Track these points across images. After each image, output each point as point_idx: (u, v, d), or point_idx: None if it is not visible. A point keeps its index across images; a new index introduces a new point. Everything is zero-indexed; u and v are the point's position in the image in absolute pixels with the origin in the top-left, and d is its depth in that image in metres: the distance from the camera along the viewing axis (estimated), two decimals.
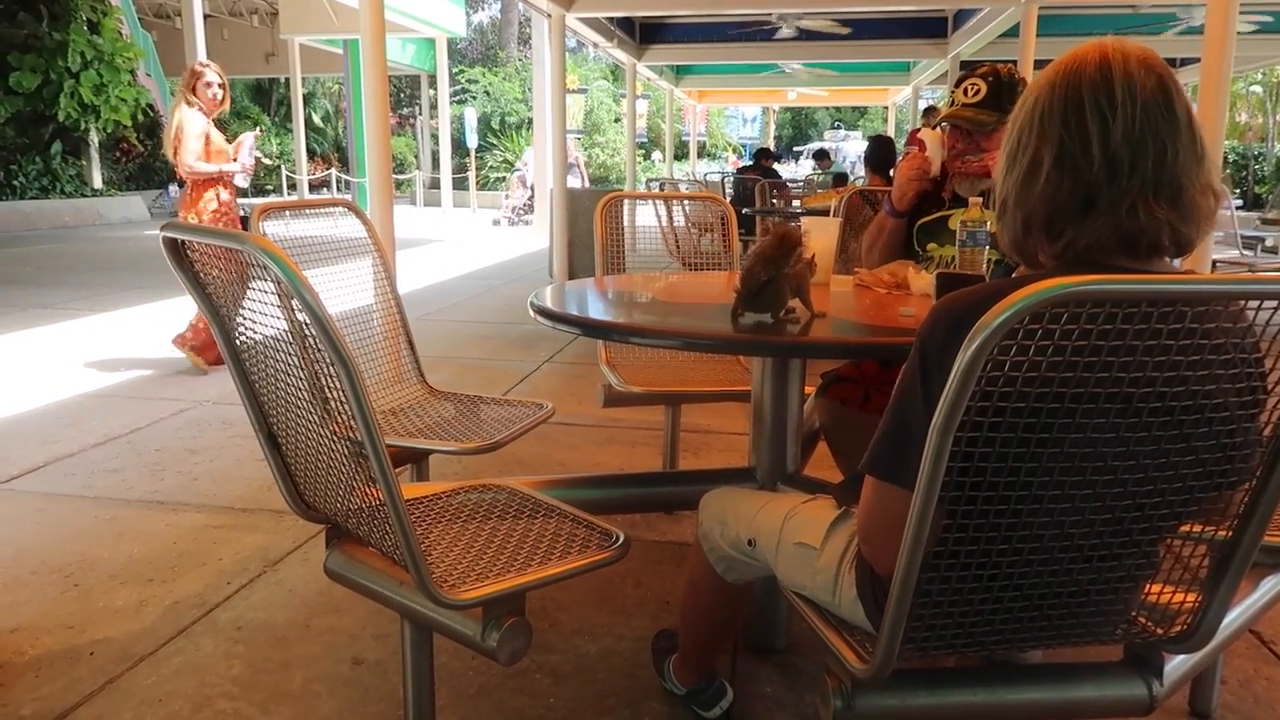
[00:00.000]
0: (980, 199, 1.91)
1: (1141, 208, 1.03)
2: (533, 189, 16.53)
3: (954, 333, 0.92)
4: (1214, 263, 6.41)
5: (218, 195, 4.83)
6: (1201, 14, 6.41)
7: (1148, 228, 1.03)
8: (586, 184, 17.84)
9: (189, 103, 4.80)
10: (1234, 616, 1.39)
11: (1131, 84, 1.02)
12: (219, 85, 4.86)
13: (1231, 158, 21.29)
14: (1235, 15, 4.07)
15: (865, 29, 11.52)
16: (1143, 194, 1.03)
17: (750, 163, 13.59)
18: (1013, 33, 8.92)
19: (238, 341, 1.49)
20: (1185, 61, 11.96)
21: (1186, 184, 1.04)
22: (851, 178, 14.06)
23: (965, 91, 2.18)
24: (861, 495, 1.17)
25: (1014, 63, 8.05)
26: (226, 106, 5.01)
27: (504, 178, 23.27)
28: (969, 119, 2.16)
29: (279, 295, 1.31)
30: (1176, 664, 1.29)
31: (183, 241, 1.40)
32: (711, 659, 1.85)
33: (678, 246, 4.60)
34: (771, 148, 24.23)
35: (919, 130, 10.50)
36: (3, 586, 2.39)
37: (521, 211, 16.82)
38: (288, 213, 2.74)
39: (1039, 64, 7.81)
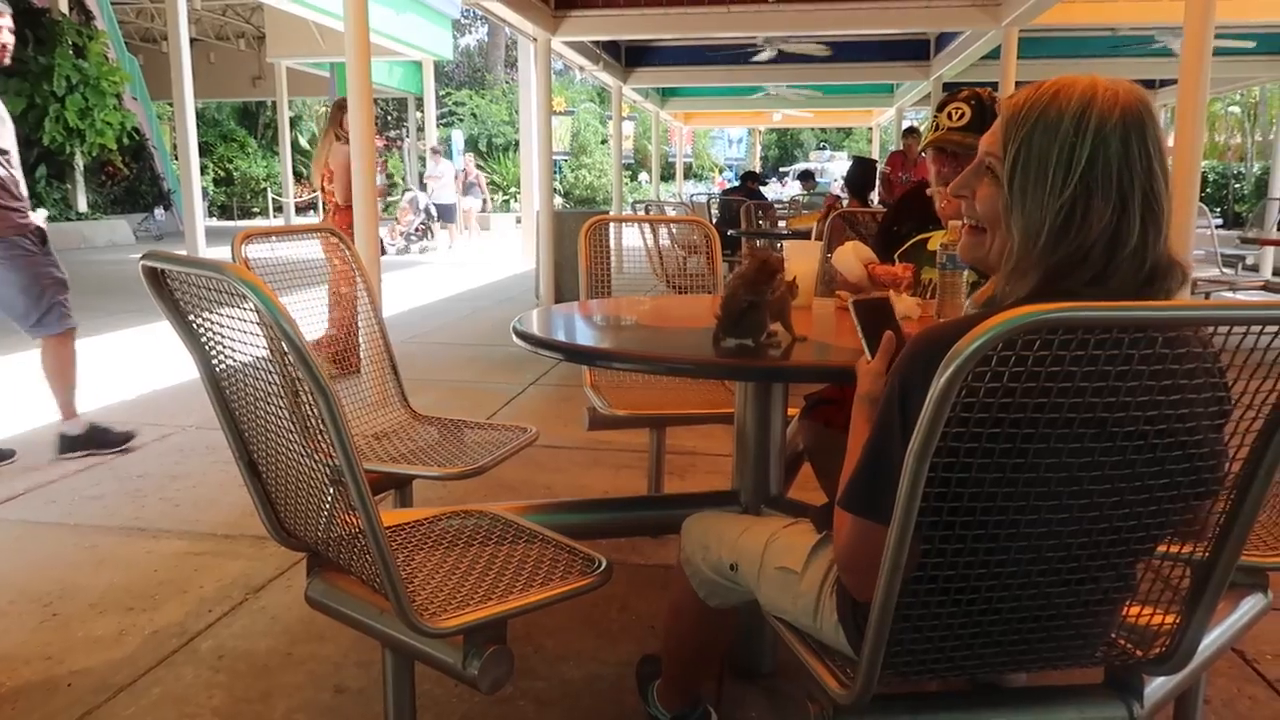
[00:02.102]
0: (959, 223, 1.92)
1: (1164, 246, 1.07)
2: (427, 211, 15.32)
3: (932, 366, 0.93)
4: (1194, 281, 6.47)
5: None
6: (1179, 37, 6.49)
7: (1164, 265, 1.07)
8: (487, 200, 18.05)
9: (337, 136, 5.20)
10: (1214, 637, 1.40)
11: (1158, 127, 1.06)
12: None
13: (1211, 177, 21.54)
14: (1211, 38, 4.13)
15: (849, 52, 11.64)
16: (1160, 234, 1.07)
17: (737, 184, 13.65)
18: (994, 55, 9.02)
19: (217, 368, 1.48)
20: (1164, 83, 12.12)
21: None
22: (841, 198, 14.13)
23: (950, 116, 2.20)
24: (837, 530, 1.16)
25: (994, 85, 8.15)
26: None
27: (490, 199, 23.30)
28: (957, 143, 2.17)
29: (259, 324, 1.31)
30: (1157, 685, 1.29)
31: (163, 270, 1.39)
32: (696, 684, 1.84)
33: (663, 268, 4.61)
34: (758, 169, 24.38)
35: (898, 151, 10.52)
36: None
37: (415, 237, 15.03)
38: (272, 238, 2.74)
39: (1020, 84, 7.90)
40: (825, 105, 18.67)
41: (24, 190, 3.60)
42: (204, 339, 1.46)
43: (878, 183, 9.12)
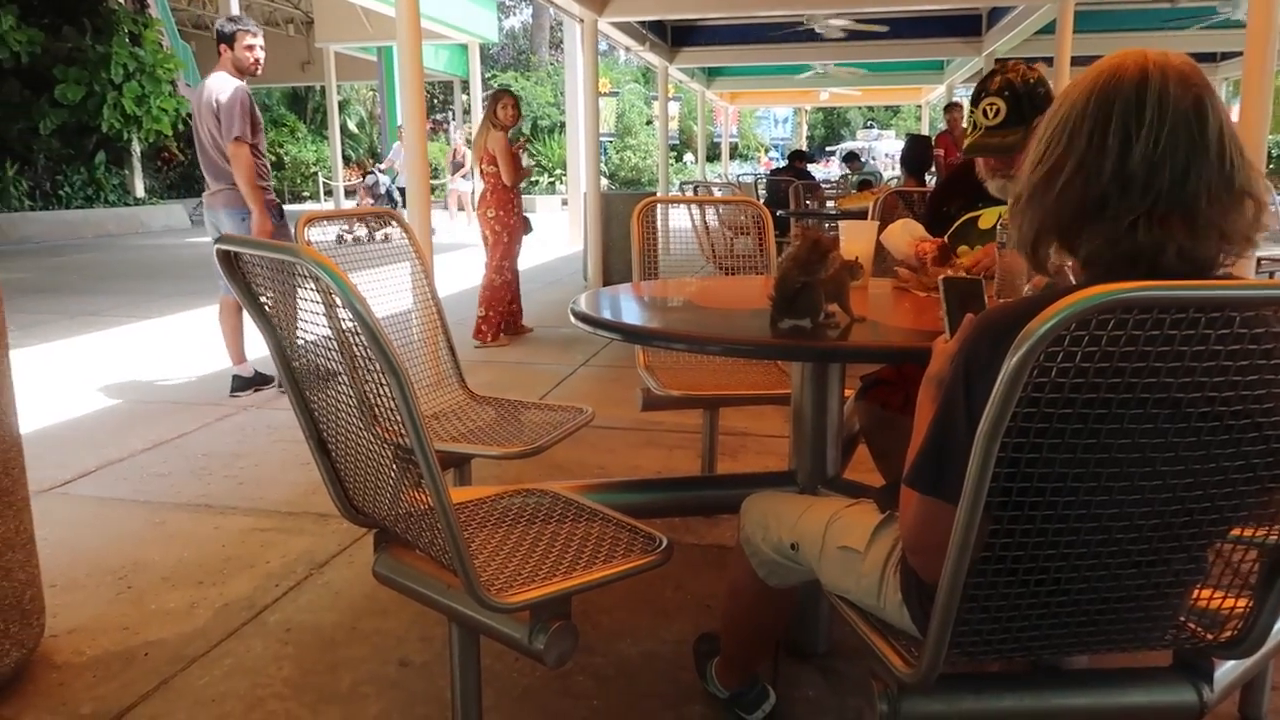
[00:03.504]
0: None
1: (1143, 226, 1.02)
2: (389, 195, 14.28)
3: (999, 346, 0.92)
4: (1258, 260, 6.27)
5: (515, 200, 5.83)
6: (1243, 6, 6.30)
7: (1145, 247, 1.02)
8: (475, 187, 17.54)
9: (494, 124, 5.60)
10: None
11: (1164, 103, 1.01)
12: (513, 106, 5.70)
13: (1276, 153, 20.84)
14: (1278, 6, 4.00)
15: (899, 28, 11.45)
16: (1150, 213, 1.02)
17: (784, 164, 13.52)
18: (1048, 29, 8.81)
19: (288, 349, 1.52)
20: (1226, 56, 11.76)
21: (1204, 206, 1.02)
22: (885, 178, 13.92)
23: (985, 113, 2.12)
24: (903, 509, 1.17)
25: (1049, 60, 7.95)
26: (520, 121, 5.79)
27: (537, 182, 23.34)
28: (996, 146, 2.10)
29: (326, 306, 1.34)
30: (1227, 670, 1.28)
31: (235, 254, 1.43)
32: (754, 662, 1.86)
33: (713, 249, 4.60)
34: (805, 148, 24.13)
35: (945, 132, 10.30)
36: (60, 588, 2.46)
37: (375, 225, 13.82)
38: (326, 221, 2.79)
39: (1076, 60, 7.70)
40: (874, 83, 18.41)
41: (269, 172, 4.61)
42: (274, 319, 1.50)
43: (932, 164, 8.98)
